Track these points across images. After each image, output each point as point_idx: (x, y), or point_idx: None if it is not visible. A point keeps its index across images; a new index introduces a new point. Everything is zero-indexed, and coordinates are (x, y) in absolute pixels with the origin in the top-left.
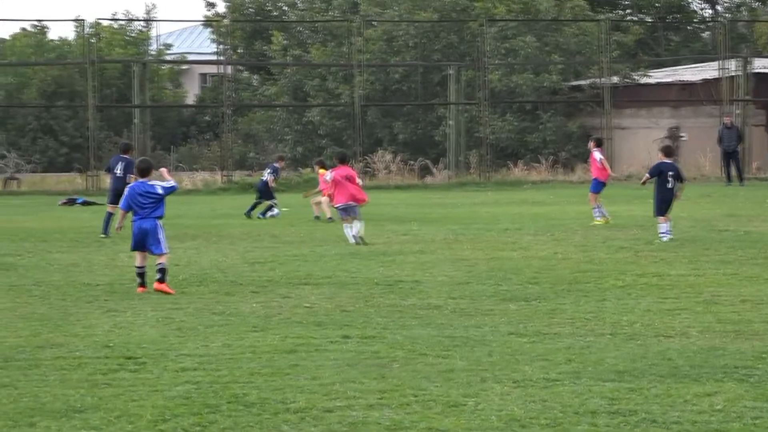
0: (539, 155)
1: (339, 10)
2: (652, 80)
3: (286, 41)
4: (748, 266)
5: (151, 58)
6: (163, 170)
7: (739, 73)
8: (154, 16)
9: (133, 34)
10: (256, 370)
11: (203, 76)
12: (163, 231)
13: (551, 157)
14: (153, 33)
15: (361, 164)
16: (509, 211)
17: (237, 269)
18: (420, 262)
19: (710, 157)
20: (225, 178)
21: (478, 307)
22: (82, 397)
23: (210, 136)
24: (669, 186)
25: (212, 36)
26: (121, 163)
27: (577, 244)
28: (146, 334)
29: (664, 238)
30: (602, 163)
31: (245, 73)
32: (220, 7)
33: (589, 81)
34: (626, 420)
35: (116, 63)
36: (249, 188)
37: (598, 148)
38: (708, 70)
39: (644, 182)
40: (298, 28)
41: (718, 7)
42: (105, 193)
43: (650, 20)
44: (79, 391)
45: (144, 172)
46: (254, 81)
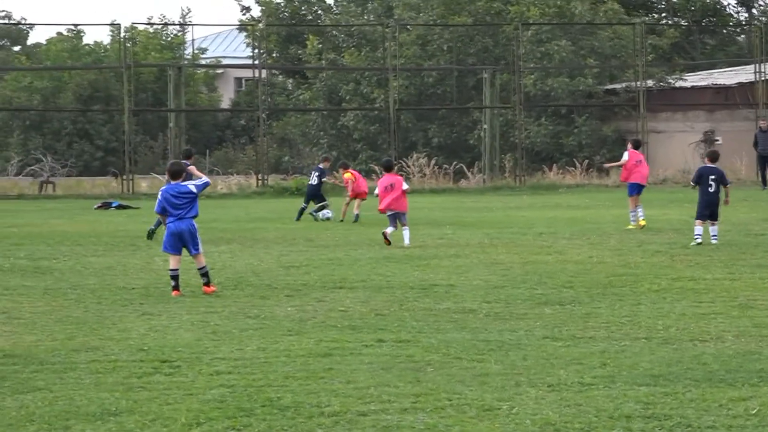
0: (574, 159)
1: (373, 14)
2: (688, 84)
3: (320, 45)
4: None
5: (186, 62)
6: (192, 168)
7: None
8: (189, 21)
9: (169, 39)
10: (291, 374)
11: (238, 80)
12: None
13: (586, 161)
14: (188, 37)
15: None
16: (544, 215)
17: (272, 273)
18: (455, 266)
19: (746, 161)
20: (260, 182)
21: (512, 311)
22: (117, 401)
23: (245, 140)
24: (711, 190)
25: (247, 40)
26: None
27: (613, 248)
28: (181, 338)
29: (697, 240)
30: (629, 165)
31: (280, 77)
32: (255, 12)
33: (624, 84)
34: (661, 424)
35: (152, 67)
36: (284, 192)
37: (631, 150)
38: (743, 74)
39: (694, 187)
40: (333, 32)
41: (754, 11)
42: (140, 197)
43: (685, 23)
44: (114, 394)
45: (175, 174)
46: (289, 85)
